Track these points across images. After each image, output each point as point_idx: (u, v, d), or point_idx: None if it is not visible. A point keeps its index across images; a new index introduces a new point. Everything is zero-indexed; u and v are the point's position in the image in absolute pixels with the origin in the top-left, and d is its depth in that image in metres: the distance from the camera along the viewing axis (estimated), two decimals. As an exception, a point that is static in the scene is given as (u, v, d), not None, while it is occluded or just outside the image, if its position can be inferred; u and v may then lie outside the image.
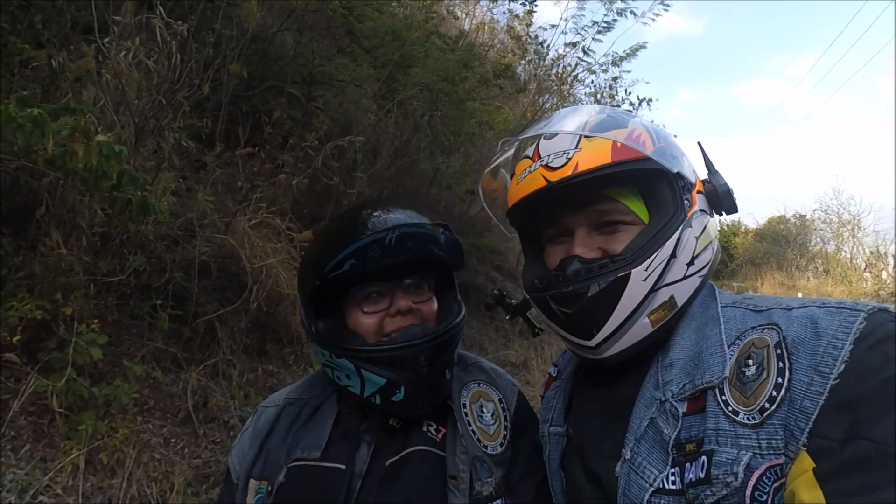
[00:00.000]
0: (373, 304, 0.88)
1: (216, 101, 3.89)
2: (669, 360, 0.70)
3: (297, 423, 0.89)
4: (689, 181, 0.75)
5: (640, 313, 0.70)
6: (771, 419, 0.56)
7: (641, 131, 0.75)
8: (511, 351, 6.24)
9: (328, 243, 0.89)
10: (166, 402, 2.96)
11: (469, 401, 0.90)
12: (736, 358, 0.63)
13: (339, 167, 4.49)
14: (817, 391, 0.53)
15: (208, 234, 3.44)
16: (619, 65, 7.08)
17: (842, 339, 0.55)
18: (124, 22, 3.24)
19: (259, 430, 0.92)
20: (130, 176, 2.60)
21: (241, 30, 3.91)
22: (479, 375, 0.97)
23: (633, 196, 0.74)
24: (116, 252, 2.99)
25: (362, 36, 4.69)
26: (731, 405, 0.60)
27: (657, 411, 0.67)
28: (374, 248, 0.84)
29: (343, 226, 0.92)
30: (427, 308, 0.91)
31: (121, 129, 3.15)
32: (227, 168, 3.91)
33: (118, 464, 2.59)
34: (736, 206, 0.78)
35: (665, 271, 0.70)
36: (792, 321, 0.60)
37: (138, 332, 3.06)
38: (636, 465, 0.66)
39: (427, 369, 0.83)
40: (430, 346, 0.84)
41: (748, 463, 0.56)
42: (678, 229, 0.71)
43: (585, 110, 0.82)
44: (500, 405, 0.93)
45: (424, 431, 0.87)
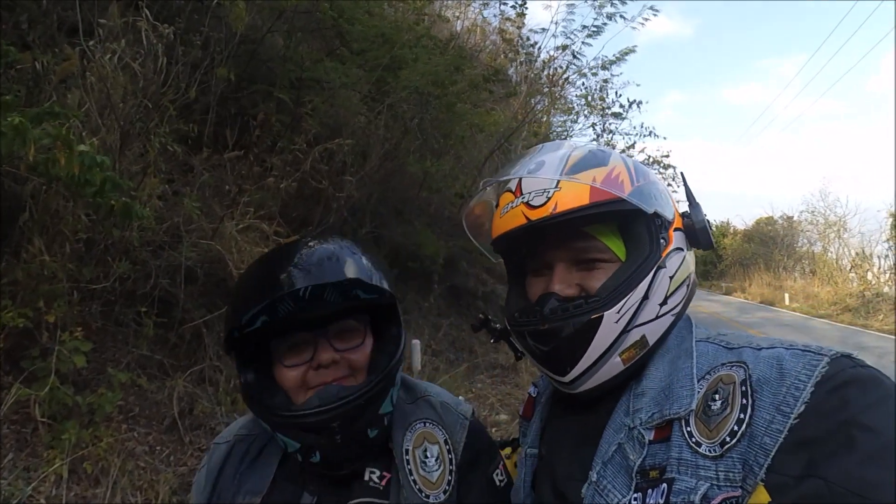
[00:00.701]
0: (295, 356, 0.80)
1: (204, 103, 3.86)
2: (642, 388, 0.72)
3: (245, 463, 0.87)
4: (666, 219, 0.77)
5: (611, 353, 0.72)
6: (731, 452, 0.58)
7: (621, 170, 0.76)
8: (500, 354, 6.26)
9: (238, 297, 0.82)
10: (152, 409, 2.95)
11: (412, 445, 0.85)
12: (704, 392, 0.65)
13: (328, 170, 4.48)
14: (777, 429, 0.55)
15: (195, 240, 3.41)
16: (609, 68, 7.12)
17: (804, 381, 0.57)
18: (110, 24, 3.21)
19: (212, 469, 0.89)
20: (114, 182, 2.58)
21: (230, 32, 3.88)
22: (426, 412, 0.90)
23: (611, 234, 0.76)
24: (101, 258, 2.96)
25: (352, 38, 4.67)
26: (694, 436, 0.62)
27: (625, 437, 0.69)
28: (287, 301, 0.78)
29: (253, 278, 0.85)
30: (357, 356, 0.82)
31: (106, 133, 3.11)
32: (214, 172, 3.88)
33: (102, 473, 2.58)
34: (712, 242, 0.79)
35: (637, 313, 0.72)
36: (759, 361, 0.63)
37: (123, 339, 3.04)
38: (601, 488, 0.68)
39: (341, 435, 0.77)
40: (343, 411, 0.76)
41: (705, 493, 0.57)
42: (651, 270, 0.72)
43: (568, 146, 0.83)
44: (446, 447, 0.88)
45: (367, 481, 0.83)
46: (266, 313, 0.78)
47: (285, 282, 0.75)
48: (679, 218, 0.80)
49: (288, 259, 0.80)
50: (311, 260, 0.79)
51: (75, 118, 2.73)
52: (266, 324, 0.79)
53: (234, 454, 0.89)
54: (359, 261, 0.81)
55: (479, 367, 5.86)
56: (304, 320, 0.80)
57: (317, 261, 0.79)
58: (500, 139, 6.35)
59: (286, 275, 0.76)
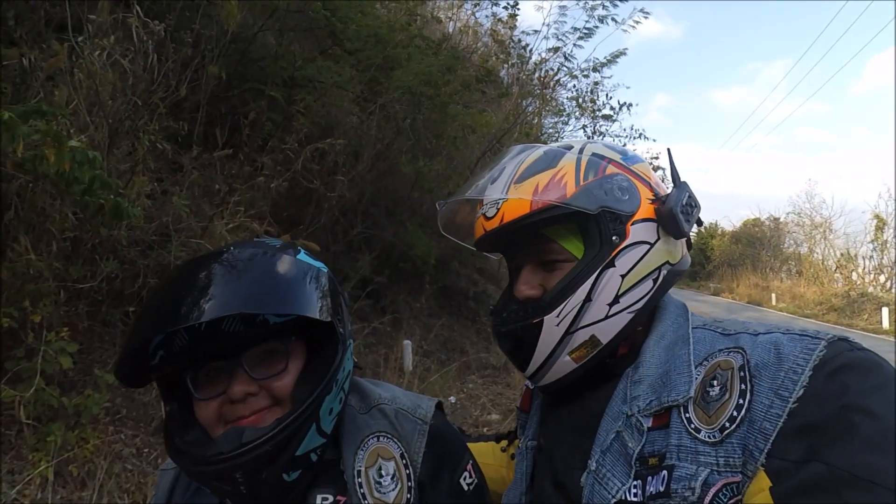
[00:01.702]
0: (208, 387, 0.71)
1: (194, 102, 3.82)
2: (639, 375, 0.72)
3: (190, 491, 0.82)
4: (622, 214, 0.74)
5: (559, 353, 0.74)
6: (730, 438, 0.58)
7: (567, 171, 0.76)
8: (492, 354, 6.27)
9: (134, 330, 0.72)
10: (139, 410, 2.91)
11: (365, 465, 0.77)
12: (702, 378, 0.65)
13: (319, 170, 4.46)
14: (776, 413, 0.55)
15: (184, 239, 3.38)
16: (600, 70, 7.16)
17: (802, 366, 0.57)
18: (99, 20, 3.17)
19: (159, 499, 0.83)
20: (102, 181, 2.54)
21: (221, 30, 3.85)
22: (379, 423, 0.82)
23: (569, 233, 0.77)
24: (88, 257, 2.93)
25: (345, 38, 4.65)
26: (693, 423, 0.62)
27: (623, 425, 0.69)
28: (183, 335, 0.70)
29: (147, 307, 0.75)
30: (278, 385, 0.72)
31: (94, 131, 3.07)
32: (204, 170, 3.85)
33: (89, 475, 2.54)
34: (680, 230, 0.75)
35: (580, 315, 0.72)
36: (757, 346, 0.63)
37: (110, 339, 3.00)
38: (600, 477, 0.68)
39: (245, 486, 0.68)
40: (245, 461, 0.66)
41: (705, 479, 0.58)
42: (595, 272, 0.72)
43: (527, 151, 0.83)
44: (403, 462, 0.79)
45: None
46: (162, 348, 0.70)
47: (175, 315, 0.65)
48: (650, 207, 0.77)
49: (183, 284, 0.70)
50: (208, 286, 0.68)
51: (63, 116, 2.70)
52: (165, 358, 0.71)
53: (181, 481, 0.83)
54: (270, 280, 0.71)
55: (470, 367, 5.87)
56: (213, 349, 0.71)
57: (215, 287, 0.68)
58: (491, 140, 6.36)
59: (178, 306, 0.66)
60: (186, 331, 0.70)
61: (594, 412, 0.74)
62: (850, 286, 21.86)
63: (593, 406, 0.75)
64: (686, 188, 0.78)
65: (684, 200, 0.76)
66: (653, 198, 0.78)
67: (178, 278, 0.73)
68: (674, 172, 0.83)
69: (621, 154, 0.83)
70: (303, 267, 0.75)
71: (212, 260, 0.72)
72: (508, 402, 5.26)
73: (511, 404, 5.25)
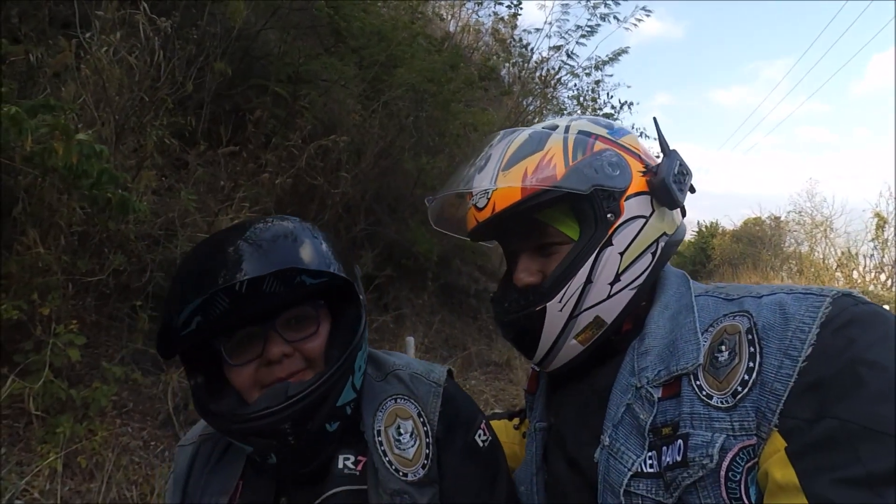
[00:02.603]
0: (242, 352, 0.74)
1: (199, 98, 3.84)
2: (645, 347, 0.71)
3: (210, 463, 0.83)
4: (615, 190, 0.73)
5: (565, 337, 0.74)
6: (743, 402, 0.58)
7: (555, 152, 0.75)
8: (494, 350, 6.28)
9: (169, 297, 0.74)
10: (146, 404, 2.93)
11: (384, 425, 0.80)
12: (709, 344, 0.65)
13: (323, 167, 4.48)
14: (787, 374, 0.55)
15: (190, 234, 3.40)
16: (602, 69, 7.17)
17: (809, 324, 0.57)
18: (106, 17, 3.18)
19: (179, 476, 0.85)
20: (110, 175, 2.57)
21: (226, 27, 3.87)
22: (396, 388, 0.85)
23: (563, 216, 0.76)
24: (95, 251, 2.94)
25: (348, 36, 4.67)
26: (705, 390, 0.62)
27: (633, 397, 0.69)
28: (222, 298, 0.72)
29: (183, 274, 0.76)
30: (311, 346, 0.76)
31: (101, 127, 3.09)
32: (209, 167, 3.87)
33: (97, 467, 2.56)
34: (675, 200, 0.74)
35: (583, 297, 0.72)
36: (762, 308, 0.62)
37: (117, 333, 3.02)
38: (615, 451, 0.68)
39: (294, 437, 0.71)
40: (293, 412, 0.70)
41: (722, 445, 0.57)
42: (593, 253, 0.72)
43: (510, 135, 0.82)
44: (420, 420, 0.82)
45: (341, 469, 0.78)
46: (200, 313, 0.72)
47: (217, 276, 0.67)
48: (642, 180, 0.76)
49: (219, 249, 0.71)
50: (246, 249, 0.70)
51: (70, 111, 2.72)
52: (202, 324, 0.73)
53: (200, 455, 0.85)
54: (301, 244, 0.74)
55: (472, 363, 5.88)
56: (249, 313, 0.73)
57: (252, 249, 0.70)
58: (493, 138, 6.37)
59: (218, 268, 0.68)
60: (226, 294, 0.72)
61: (602, 388, 0.74)
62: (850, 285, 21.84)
63: (600, 382, 0.75)
64: (676, 156, 0.77)
65: (675, 169, 0.75)
66: (643, 170, 0.77)
67: (218, 243, 0.74)
68: (662, 141, 0.82)
69: (607, 128, 0.82)
70: (327, 234, 0.81)
71: (245, 228, 0.74)
72: (511, 398, 5.27)
73: (514, 400, 5.25)
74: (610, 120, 0.88)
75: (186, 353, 0.79)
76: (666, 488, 0.61)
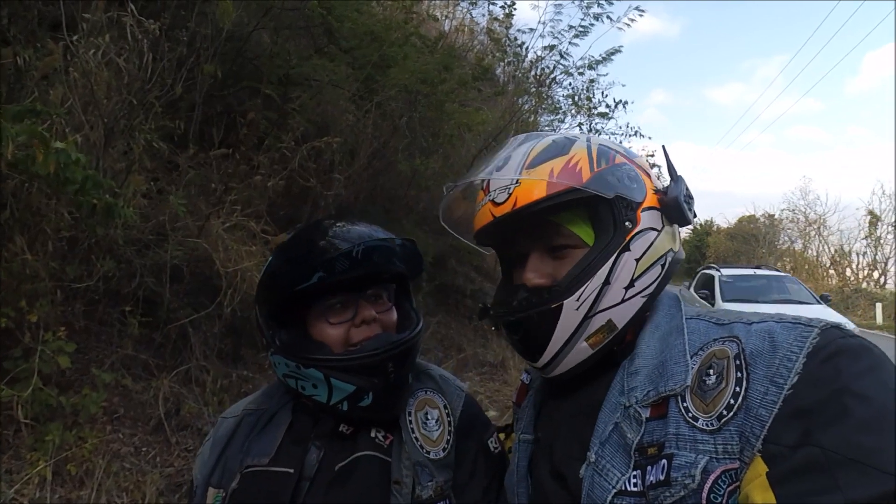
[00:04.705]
0: (338, 314, 0.89)
1: (189, 101, 3.81)
2: (635, 367, 0.72)
3: (254, 433, 0.92)
4: (633, 201, 0.76)
5: (576, 339, 0.74)
6: (728, 426, 0.58)
7: (581, 157, 0.77)
8: (489, 351, 6.29)
9: (296, 256, 0.90)
10: (137, 410, 2.91)
11: (415, 409, 0.93)
12: (698, 367, 0.65)
13: (316, 168, 4.46)
14: (772, 400, 0.56)
15: (180, 238, 3.38)
16: (596, 68, 7.17)
17: (796, 353, 0.58)
18: (94, 19, 3.15)
19: (218, 440, 0.94)
20: (95, 181, 2.54)
21: (216, 28, 3.83)
22: (427, 383, 0.99)
23: (580, 221, 0.77)
24: (84, 257, 2.92)
25: (341, 36, 4.64)
26: (691, 412, 0.62)
27: (621, 416, 0.69)
28: (343, 260, 0.86)
29: (311, 239, 0.93)
30: (388, 318, 0.93)
31: (89, 130, 3.06)
32: (200, 170, 3.84)
33: (87, 474, 2.54)
34: (685, 218, 0.78)
35: (599, 298, 0.73)
36: (751, 334, 0.63)
37: (107, 338, 3.00)
38: (600, 468, 0.68)
39: (394, 375, 0.87)
40: (397, 353, 0.87)
41: (705, 466, 0.58)
42: (612, 255, 0.73)
43: (533, 139, 0.84)
44: (445, 411, 0.96)
45: (373, 438, 0.90)
46: (324, 270, 0.86)
47: (345, 238, 0.88)
48: (654, 197, 0.79)
49: (340, 224, 0.93)
50: (360, 226, 0.93)
51: (58, 115, 2.69)
52: (321, 279, 0.87)
53: (243, 427, 0.94)
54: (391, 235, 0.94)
55: (468, 364, 5.88)
56: (345, 283, 0.88)
57: (365, 227, 0.93)
58: (488, 138, 6.37)
59: (344, 233, 0.90)
60: (346, 257, 0.86)
61: (592, 404, 0.75)
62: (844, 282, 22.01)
63: (590, 398, 0.76)
64: (683, 182, 0.80)
65: (684, 191, 0.78)
66: (655, 188, 0.80)
67: (337, 223, 0.94)
68: (670, 167, 0.84)
69: (622, 148, 0.85)
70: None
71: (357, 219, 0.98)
72: (506, 399, 5.28)
73: (508, 401, 5.27)
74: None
75: (268, 318, 0.92)
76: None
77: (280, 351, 0.89)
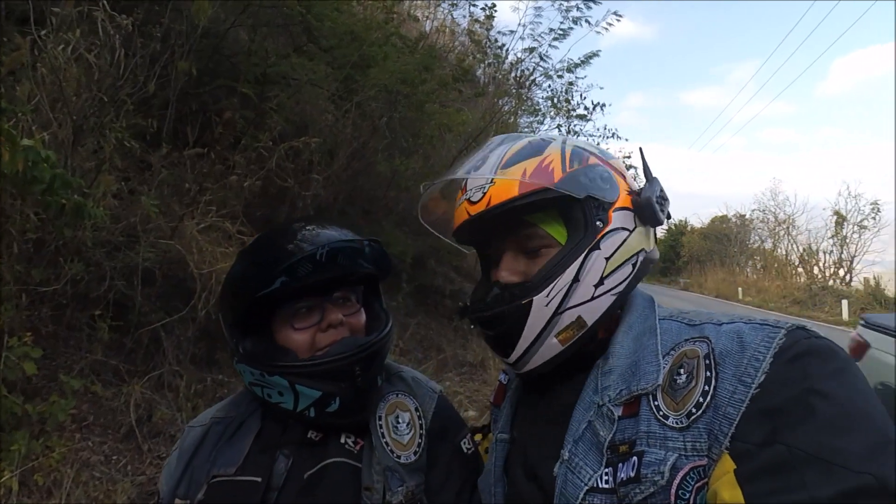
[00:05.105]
0: (303, 319, 0.88)
1: (163, 98, 3.72)
2: (609, 366, 0.73)
3: (221, 442, 0.90)
4: (605, 201, 0.78)
5: (546, 334, 0.75)
6: (697, 423, 0.60)
7: (553, 158, 0.78)
8: (469, 351, 6.31)
9: (257, 261, 0.88)
10: (107, 417, 2.84)
11: (385, 413, 0.93)
12: (669, 367, 0.67)
13: (293, 169, 4.39)
14: (740, 399, 0.57)
15: (153, 240, 3.30)
16: (574, 71, 7.24)
17: (763, 353, 0.60)
18: (63, 13, 3.05)
19: (185, 451, 0.92)
20: (64, 180, 2.45)
21: (192, 25, 3.75)
22: (398, 385, 0.99)
23: (553, 220, 0.79)
24: (51, 260, 2.83)
25: (320, 35, 4.58)
26: (662, 410, 0.64)
27: (595, 415, 0.71)
28: (305, 264, 0.85)
29: (272, 243, 0.91)
30: (356, 320, 0.92)
31: (58, 128, 2.97)
32: (173, 169, 3.75)
33: (55, 484, 2.47)
34: (657, 218, 0.79)
35: (568, 295, 0.74)
36: (721, 335, 0.65)
37: (76, 344, 2.91)
38: (573, 466, 0.69)
39: (361, 379, 0.86)
40: (364, 357, 0.86)
41: (674, 463, 0.59)
42: (582, 253, 0.75)
43: (510, 141, 0.86)
44: (417, 414, 0.95)
45: (342, 444, 0.89)
46: (286, 275, 0.84)
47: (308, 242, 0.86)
48: (627, 197, 0.80)
49: (303, 227, 0.91)
50: (325, 229, 0.91)
51: (24, 112, 2.59)
52: (284, 285, 0.85)
53: (210, 436, 0.92)
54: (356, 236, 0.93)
55: (447, 364, 5.89)
56: (310, 287, 0.86)
57: (331, 230, 0.91)
58: (468, 139, 6.37)
59: (307, 236, 0.87)
60: (309, 260, 0.84)
61: (566, 404, 0.76)
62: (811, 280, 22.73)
63: (565, 398, 0.77)
64: (658, 183, 0.82)
65: (658, 193, 0.80)
66: (629, 189, 0.81)
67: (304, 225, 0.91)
68: (646, 168, 0.85)
69: (598, 150, 0.86)
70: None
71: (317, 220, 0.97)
72: (485, 399, 5.30)
73: (487, 401, 5.28)
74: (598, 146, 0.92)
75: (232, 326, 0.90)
76: (619, 503, 0.63)
77: (244, 359, 0.88)
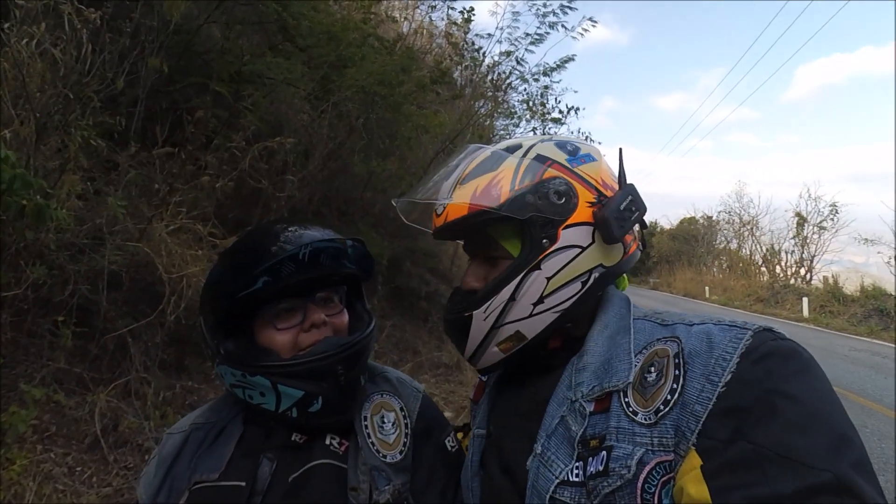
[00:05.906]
0: (286, 320, 0.88)
1: (132, 96, 3.60)
2: (583, 363, 0.76)
3: (202, 448, 0.89)
4: (555, 220, 0.77)
5: (487, 344, 0.80)
6: (664, 420, 0.62)
7: (504, 176, 0.79)
8: (444, 353, 6.31)
9: (239, 262, 0.88)
10: (71, 427, 2.74)
11: (370, 413, 0.93)
12: (641, 365, 0.69)
13: (268, 169, 4.32)
14: (707, 397, 0.60)
15: (119, 242, 3.19)
16: (550, 75, 7.31)
17: (731, 353, 0.62)
18: (28, 6, 2.92)
19: (164, 458, 0.90)
20: (24, 180, 2.35)
21: (163, 21, 3.63)
22: (383, 386, 0.99)
23: (510, 233, 0.81)
24: (11, 263, 2.71)
25: (297, 34, 4.50)
26: (631, 406, 0.66)
27: (567, 410, 0.73)
28: (288, 264, 0.84)
29: (255, 243, 0.91)
30: (339, 320, 0.92)
31: (19, 126, 2.84)
32: (142, 169, 3.63)
33: (16, 498, 2.37)
34: (611, 236, 0.77)
35: (504, 312, 0.78)
36: (691, 335, 0.68)
37: (37, 351, 2.80)
38: (545, 460, 0.71)
39: (344, 378, 0.86)
40: (346, 356, 0.86)
41: (641, 458, 0.62)
42: (520, 274, 0.77)
43: (477, 151, 0.87)
44: (402, 413, 0.96)
45: (327, 445, 0.88)
46: (269, 275, 0.84)
47: (290, 242, 0.86)
48: (588, 211, 0.79)
49: (285, 227, 0.91)
50: (307, 229, 0.91)
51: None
52: (266, 285, 0.84)
53: (191, 442, 0.91)
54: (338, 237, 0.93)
55: (423, 366, 5.89)
56: (293, 287, 0.86)
57: (313, 230, 0.91)
58: (444, 141, 6.37)
59: (289, 236, 0.87)
60: (292, 260, 0.84)
61: (542, 399, 0.78)
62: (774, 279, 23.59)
63: (541, 393, 0.79)
64: (628, 191, 0.80)
65: (623, 205, 0.78)
66: (593, 201, 0.79)
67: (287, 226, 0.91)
68: (621, 173, 0.84)
69: (570, 154, 0.83)
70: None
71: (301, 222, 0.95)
72: (461, 400, 5.33)
73: (463, 402, 5.32)
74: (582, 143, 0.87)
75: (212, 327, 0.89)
76: (588, 496, 0.65)
77: (225, 360, 0.87)
